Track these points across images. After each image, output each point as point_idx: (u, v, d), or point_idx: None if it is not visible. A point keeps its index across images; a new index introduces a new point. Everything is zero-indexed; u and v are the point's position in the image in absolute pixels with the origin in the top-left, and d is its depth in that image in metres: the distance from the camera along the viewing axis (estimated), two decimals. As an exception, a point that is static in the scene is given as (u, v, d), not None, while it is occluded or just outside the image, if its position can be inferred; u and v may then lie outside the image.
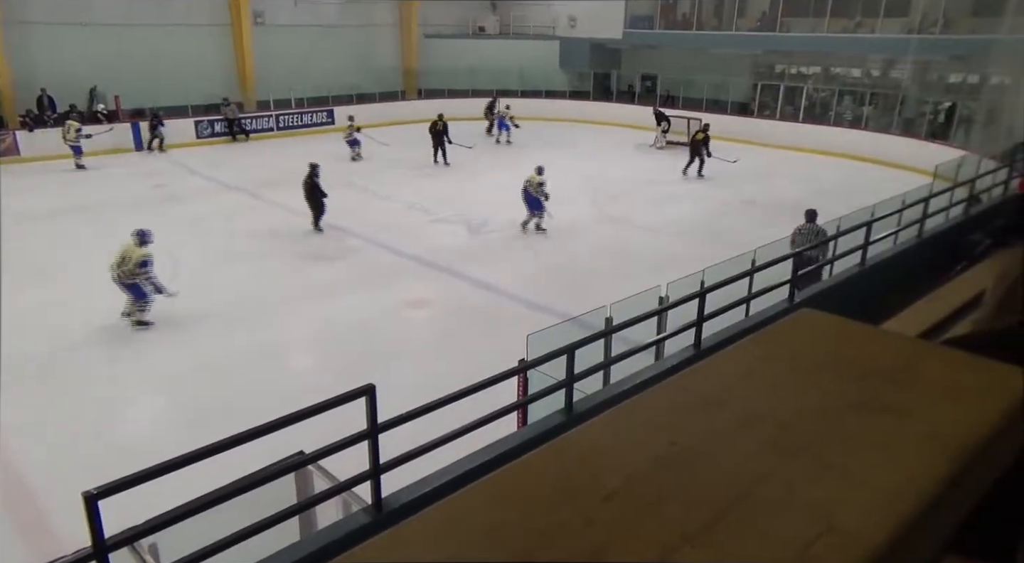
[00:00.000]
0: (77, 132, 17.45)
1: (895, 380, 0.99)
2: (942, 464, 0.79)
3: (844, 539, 0.69)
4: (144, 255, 8.42)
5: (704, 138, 17.44)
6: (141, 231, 8.62)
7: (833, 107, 22.22)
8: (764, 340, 1.14)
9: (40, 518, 5.52)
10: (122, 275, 8.42)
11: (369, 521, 3.45)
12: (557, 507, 0.75)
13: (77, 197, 15.12)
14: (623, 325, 4.94)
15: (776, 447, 0.84)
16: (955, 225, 8.91)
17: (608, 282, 9.74)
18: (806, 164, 19.39)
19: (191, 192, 15.73)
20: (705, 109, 22.92)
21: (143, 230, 8.64)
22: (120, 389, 7.60)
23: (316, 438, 3.32)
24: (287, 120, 22.98)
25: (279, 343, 8.61)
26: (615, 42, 26.82)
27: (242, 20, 22.92)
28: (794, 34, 23.00)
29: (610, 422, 0.94)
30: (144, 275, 8.44)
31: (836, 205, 11.95)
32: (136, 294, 8.57)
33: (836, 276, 7.21)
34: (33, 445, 6.42)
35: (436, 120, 18.51)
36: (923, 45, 19.43)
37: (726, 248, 9.31)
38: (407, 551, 0.71)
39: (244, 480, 3.04)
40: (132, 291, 8.57)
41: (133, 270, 8.37)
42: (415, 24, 27.36)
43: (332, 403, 3.16)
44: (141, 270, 8.39)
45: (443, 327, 9.21)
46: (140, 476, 2.63)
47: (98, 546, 2.58)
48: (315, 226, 12.58)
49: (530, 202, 12.47)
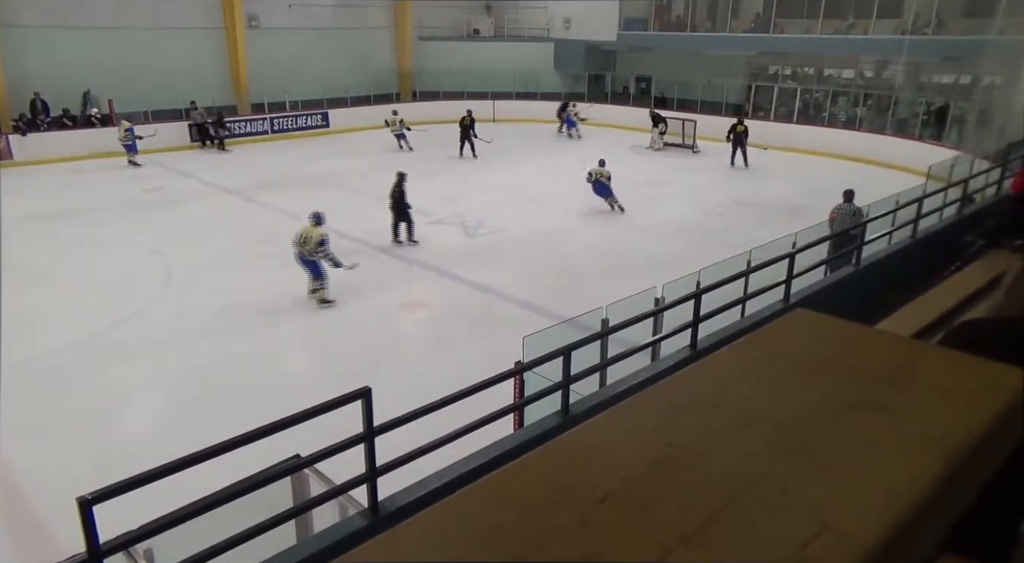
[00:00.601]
0: (127, 131, 18.26)
1: (890, 380, 0.99)
2: (937, 464, 0.80)
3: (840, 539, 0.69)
4: (322, 234, 9.27)
5: (744, 130, 18.67)
6: (316, 213, 9.48)
7: (827, 108, 22.32)
8: (760, 341, 1.14)
9: (35, 523, 5.49)
10: (304, 253, 9.31)
11: (365, 524, 3.45)
12: (553, 509, 0.75)
13: (71, 201, 15.07)
14: (619, 326, 4.94)
15: (772, 448, 0.84)
16: (949, 225, 8.95)
17: (604, 283, 9.75)
18: (800, 164, 19.46)
19: (185, 195, 15.69)
20: (700, 110, 22.99)
21: (318, 212, 9.52)
22: (115, 394, 7.56)
23: (312, 442, 3.32)
24: (281, 123, 22.94)
25: (273, 347, 8.59)
26: (610, 44, 26.88)
27: (236, 23, 22.88)
28: (788, 35, 23.10)
29: (606, 424, 0.94)
30: (322, 253, 9.26)
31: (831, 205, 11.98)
32: (315, 272, 9.43)
33: (831, 276, 7.23)
34: (27, 449, 6.39)
35: (465, 115, 19.58)
36: (916, 46, 19.54)
37: (721, 249, 9.33)
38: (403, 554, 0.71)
39: (240, 484, 3.04)
40: (311, 268, 9.42)
41: (313, 249, 9.23)
42: (410, 26, 27.35)
43: (328, 406, 3.15)
44: (320, 249, 9.23)
45: (439, 329, 9.20)
46: (135, 481, 2.62)
47: (93, 551, 2.57)
48: (408, 238, 12.06)
49: (603, 191, 14.17)
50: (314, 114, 23.59)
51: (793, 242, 6.64)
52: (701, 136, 21.25)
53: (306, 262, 9.39)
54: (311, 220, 9.45)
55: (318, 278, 9.47)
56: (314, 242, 9.23)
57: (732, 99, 24.12)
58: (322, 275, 9.46)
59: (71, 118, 19.63)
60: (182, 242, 12.26)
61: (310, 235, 9.28)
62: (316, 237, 9.25)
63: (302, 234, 9.35)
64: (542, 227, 13.20)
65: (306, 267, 9.44)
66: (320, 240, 9.23)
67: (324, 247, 9.26)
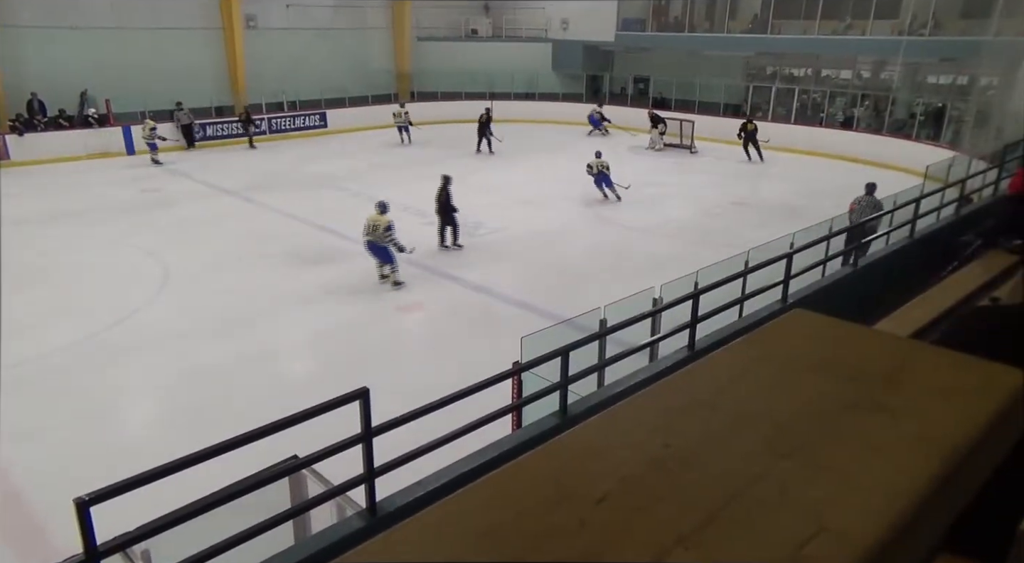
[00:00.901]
0: (152, 130, 18.81)
1: (888, 380, 1.00)
2: (934, 464, 0.80)
3: (837, 539, 0.69)
4: (388, 221, 9.94)
5: (754, 128, 19.64)
6: (382, 202, 10.19)
7: (824, 108, 22.36)
8: (757, 341, 1.14)
9: (32, 524, 5.48)
10: (375, 241, 9.99)
11: (363, 525, 3.44)
12: (551, 509, 0.75)
13: (69, 201, 15.04)
14: (617, 327, 4.94)
15: (770, 448, 0.84)
16: (946, 225, 8.96)
17: (602, 284, 9.75)
18: (798, 165, 19.50)
19: (182, 196, 15.67)
20: (698, 111, 23.01)
21: (383, 201, 10.25)
22: (113, 394, 7.55)
23: (310, 442, 3.31)
24: (279, 123, 22.92)
25: (272, 347, 8.58)
26: (608, 44, 26.90)
27: (234, 24, 22.86)
28: (785, 36, 23.14)
29: (604, 424, 0.94)
30: (389, 238, 9.92)
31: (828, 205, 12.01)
32: (383, 257, 10.15)
33: (828, 276, 7.24)
34: (25, 450, 6.37)
35: (483, 113, 20.43)
36: (913, 47, 19.59)
37: (719, 249, 9.35)
38: (401, 554, 0.71)
39: (238, 485, 3.03)
40: (381, 254, 10.14)
41: (382, 235, 9.88)
42: (408, 27, 27.35)
43: (326, 407, 3.15)
44: (387, 234, 9.90)
45: (437, 330, 9.20)
46: (132, 482, 2.61)
47: (90, 552, 2.57)
48: (453, 242, 11.94)
49: (604, 181, 14.99)
50: (312, 114, 23.59)
51: (791, 242, 6.65)
52: (699, 136, 21.29)
53: (376, 249, 10.07)
54: (377, 209, 10.07)
55: (387, 263, 10.14)
56: (382, 228, 9.86)
57: (730, 99, 24.15)
58: (392, 260, 10.11)
59: (68, 118, 19.59)
60: (180, 242, 12.24)
61: (378, 223, 9.91)
62: (384, 224, 9.88)
63: (371, 223, 9.98)
64: (540, 228, 13.21)
65: (376, 254, 10.14)
66: (387, 226, 9.88)
67: (390, 233, 9.91)
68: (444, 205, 11.86)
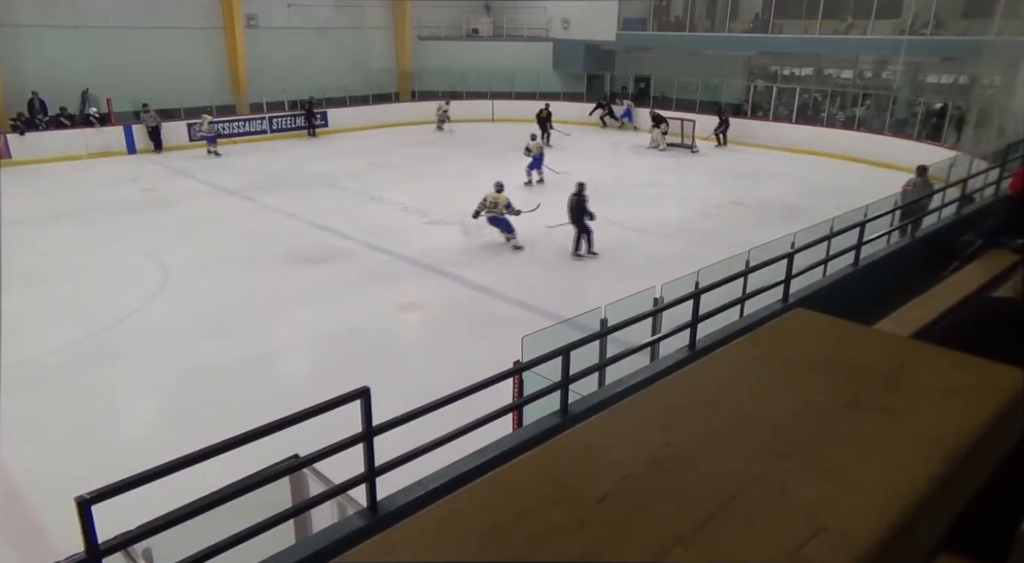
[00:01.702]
0: (211, 124, 20.12)
1: (888, 380, 1.00)
2: (934, 464, 0.80)
3: (836, 539, 0.69)
4: (506, 198, 11.85)
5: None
6: (499, 183, 11.99)
7: (826, 108, 22.34)
8: (758, 340, 1.14)
9: (33, 523, 5.48)
10: (495, 214, 11.84)
11: (364, 524, 3.45)
12: (551, 509, 0.75)
13: (69, 200, 15.06)
14: (618, 326, 4.94)
15: (769, 448, 0.84)
16: (947, 225, 8.96)
17: (602, 283, 9.75)
18: (799, 165, 19.49)
19: (182, 196, 15.68)
20: (699, 110, 23.00)
21: (500, 181, 12.04)
22: (113, 394, 7.56)
23: (311, 441, 3.32)
24: (280, 122, 22.93)
25: (272, 347, 8.59)
26: (609, 44, 26.88)
27: (235, 23, 22.86)
28: (786, 35, 23.12)
29: (605, 423, 0.94)
30: (511, 210, 11.82)
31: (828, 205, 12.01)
32: (506, 227, 11.94)
33: (829, 276, 7.24)
34: (26, 449, 6.38)
35: (542, 108, 21.30)
36: (914, 46, 19.56)
37: (719, 249, 9.35)
38: (401, 554, 0.71)
39: (239, 484, 3.03)
40: (502, 225, 11.96)
41: (502, 210, 11.79)
42: (409, 26, 27.35)
43: (327, 406, 3.15)
44: (508, 208, 11.80)
45: (437, 329, 9.20)
46: (133, 480, 2.61)
47: (92, 551, 2.57)
48: (588, 250, 11.72)
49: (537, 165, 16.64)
50: (313, 114, 23.59)
51: (792, 242, 6.64)
52: (700, 136, 21.28)
53: (497, 221, 11.94)
54: (495, 187, 11.91)
55: (509, 231, 11.95)
56: (502, 204, 11.74)
57: (731, 99, 24.14)
58: (511, 229, 11.93)
59: (69, 117, 19.60)
60: (180, 242, 12.25)
61: (498, 200, 11.79)
62: (503, 201, 11.77)
63: (489, 199, 11.86)
64: (540, 227, 13.20)
65: (497, 225, 11.99)
66: (507, 202, 11.79)
67: (510, 207, 11.81)
68: (578, 212, 11.49)
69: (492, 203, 11.82)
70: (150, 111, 20.19)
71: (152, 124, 20.12)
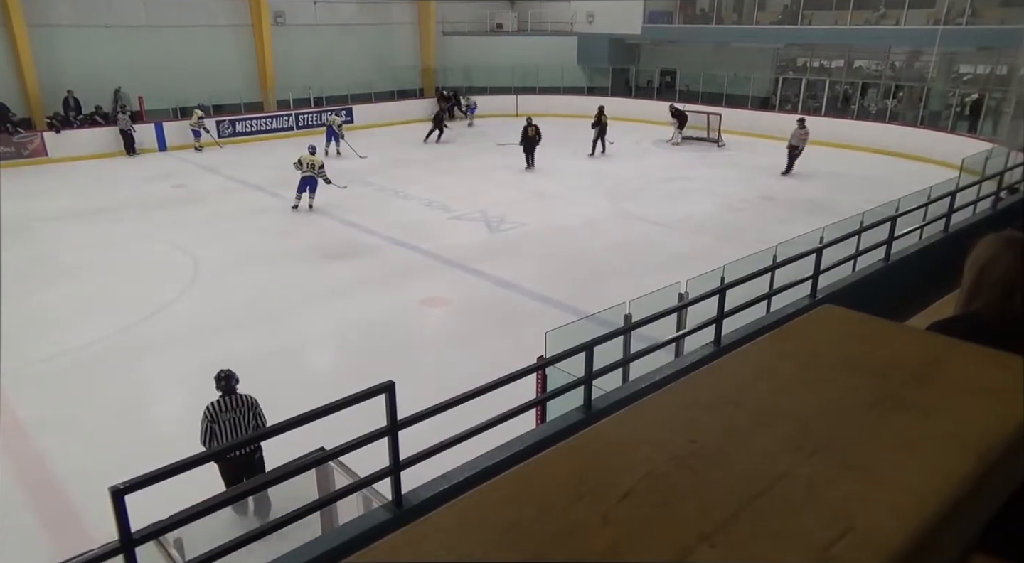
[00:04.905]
0: (199, 118, 20.36)
1: (918, 377, 0.97)
2: (967, 463, 0.78)
3: (865, 540, 0.68)
4: (321, 160, 14.03)
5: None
6: (312, 145, 14.47)
7: (856, 100, 21.89)
8: (785, 337, 1.13)
9: (68, 513, 5.63)
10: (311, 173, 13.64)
11: (389, 517, 3.48)
12: (574, 505, 0.75)
13: (103, 197, 15.39)
14: (642, 322, 4.90)
15: (796, 446, 0.83)
16: (983, 219, 8.73)
17: (626, 279, 9.70)
18: (828, 158, 19.13)
19: (212, 192, 15.93)
20: (725, 104, 22.71)
21: (312, 145, 14.53)
22: (146, 386, 7.73)
23: (336, 435, 3.35)
24: (306, 119, 23.16)
25: (299, 341, 8.70)
26: (634, 38, 26.66)
27: (263, 20, 23.15)
28: (816, 27, 22.71)
29: (628, 420, 0.93)
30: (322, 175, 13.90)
31: (860, 200, 11.78)
32: (311, 186, 13.76)
33: (859, 271, 7.10)
34: (61, 440, 6.56)
35: (599, 114, 19.56)
36: (949, 36, 19.06)
37: (745, 244, 9.23)
38: (424, 549, 0.72)
39: (266, 476, 3.08)
40: (311, 183, 13.70)
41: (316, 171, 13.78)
42: (433, 22, 27.42)
43: (352, 400, 3.18)
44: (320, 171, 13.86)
45: (461, 324, 9.23)
46: (166, 471, 2.67)
47: (125, 540, 2.63)
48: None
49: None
50: (339, 110, 23.78)
51: (820, 237, 6.53)
52: (726, 130, 21.02)
53: (310, 180, 13.67)
54: (309, 150, 14.10)
55: (312, 194, 13.70)
56: (317, 166, 13.75)
57: (759, 92, 23.79)
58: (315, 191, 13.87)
59: (103, 115, 20.02)
60: (210, 237, 12.46)
61: (313, 161, 13.74)
62: (318, 163, 13.86)
63: (305, 160, 13.67)
64: (563, 223, 13.18)
65: (308, 184, 13.69)
66: (321, 164, 13.85)
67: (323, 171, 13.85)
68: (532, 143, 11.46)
69: (309, 165, 13.43)
70: (126, 114, 19.53)
71: (124, 127, 19.35)
